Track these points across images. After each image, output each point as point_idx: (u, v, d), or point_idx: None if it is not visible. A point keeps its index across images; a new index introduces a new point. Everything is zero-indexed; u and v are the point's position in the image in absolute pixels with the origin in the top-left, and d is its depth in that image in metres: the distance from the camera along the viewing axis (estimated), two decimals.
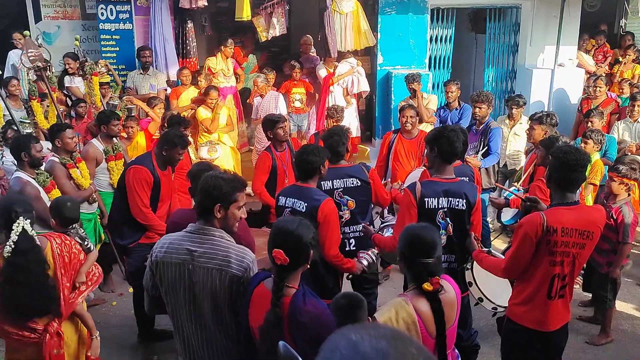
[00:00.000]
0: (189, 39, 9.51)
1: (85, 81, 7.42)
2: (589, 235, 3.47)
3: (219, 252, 2.96)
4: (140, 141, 7.14)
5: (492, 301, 4.13)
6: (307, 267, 2.86)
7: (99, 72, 7.56)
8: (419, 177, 4.88)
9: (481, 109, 6.91)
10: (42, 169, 5.34)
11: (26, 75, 7.66)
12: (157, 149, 5.16)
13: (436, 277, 2.82)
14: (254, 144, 8.68)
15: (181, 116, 7.06)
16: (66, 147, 5.56)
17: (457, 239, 4.07)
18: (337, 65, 9.12)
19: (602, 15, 11.61)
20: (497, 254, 4.02)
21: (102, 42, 9.35)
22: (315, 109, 9.38)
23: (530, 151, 6.62)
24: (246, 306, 2.87)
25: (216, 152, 7.76)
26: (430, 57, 10.03)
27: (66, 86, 8.24)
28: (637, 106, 7.60)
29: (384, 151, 6.57)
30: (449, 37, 10.07)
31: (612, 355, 5.27)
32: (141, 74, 8.80)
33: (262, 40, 9.35)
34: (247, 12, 8.50)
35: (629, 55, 9.93)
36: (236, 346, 3.05)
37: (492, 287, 4.11)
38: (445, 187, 4.03)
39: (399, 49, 9.72)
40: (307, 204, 4.17)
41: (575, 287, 5.86)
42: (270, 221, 5.79)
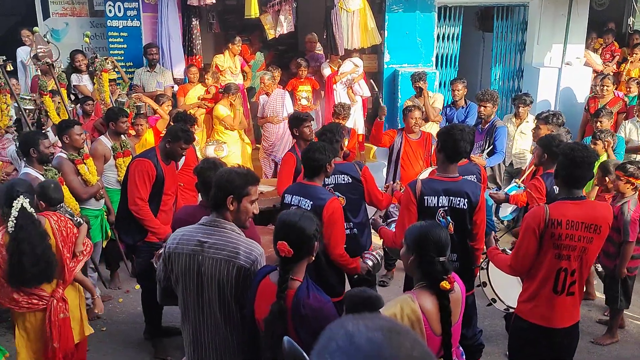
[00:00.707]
0: (194, 36, 9.53)
1: (95, 78, 7.46)
2: (596, 229, 3.47)
3: (228, 244, 3.03)
4: (148, 138, 7.17)
5: (504, 302, 4.13)
6: (312, 259, 2.88)
7: (108, 69, 7.59)
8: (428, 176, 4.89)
9: (486, 107, 6.91)
10: (51, 165, 5.38)
11: (35, 71, 7.70)
12: (161, 143, 5.26)
13: (451, 275, 2.86)
14: (261, 142, 8.70)
15: (187, 113, 7.09)
16: (74, 144, 5.60)
17: (459, 238, 4.07)
18: (342, 63, 9.14)
19: (610, 13, 11.55)
20: (509, 252, 4.02)
21: (110, 39, 9.38)
22: (321, 108, 9.40)
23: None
24: (252, 299, 2.92)
25: (223, 152, 7.79)
26: (437, 55, 10.01)
27: (73, 85, 8.28)
28: None
29: (385, 140, 6.49)
30: (456, 35, 10.05)
31: (616, 355, 5.27)
32: (148, 71, 8.83)
33: (269, 37, 9.36)
34: (255, 9, 8.52)
35: (636, 53, 9.87)
36: (238, 338, 3.09)
37: (505, 288, 4.10)
38: (446, 186, 4.03)
39: (406, 47, 9.70)
40: (312, 203, 4.18)
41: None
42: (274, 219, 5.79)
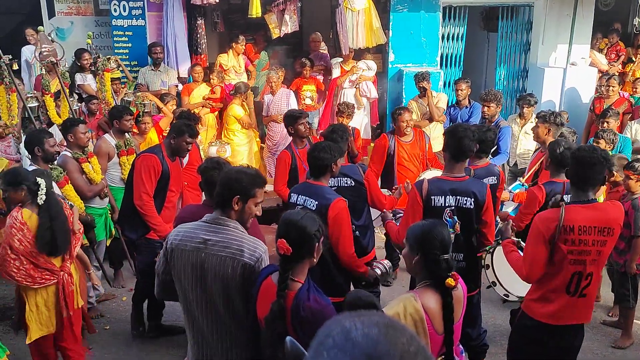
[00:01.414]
0: (199, 36, 9.54)
1: (97, 77, 7.47)
2: (609, 231, 3.47)
3: (233, 242, 3.02)
4: (153, 137, 7.18)
5: (504, 287, 4.12)
6: (314, 261, 2.87)
7: (111, 68, 7.60)
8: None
9: (490, 107, 6.90)
10: (55, 163, 5.39)
11: (39, 70, 7.71)
12: (166, 139, 5.30)
13: (455, 272, 2.87)
14: (266, 141, 8.70)
15: (191, 112, 7.10)
16: (79, 142, 5.61)
17: (465, 238, 4.07)
18: (355, 64, 9.14)
19: (615, 13, 11.52)
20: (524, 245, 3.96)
21: (115, 38, 9.39)
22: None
23: (537, 149, 6.59)
24: (254, 298, 2.92)
25: (226, 152, 7.79)
26: (442, 55, 9.99)
27: (78, 84, 8.31)
28: None
29: (383, 157, 6.34)
30: (460, 35, 10.02)
31: (620, 356, 5.25)
32: (152, 70, 8.83)
33: (274, 37, 9.36)
34: (257, 9, 8.54)
35: None
36: (245, 333, 3.07)
37: (507, 274, 4.06)
38: (452, 186, 4.03)
39: (411, 47, 9.68)
40: (317, 202, 4.18)
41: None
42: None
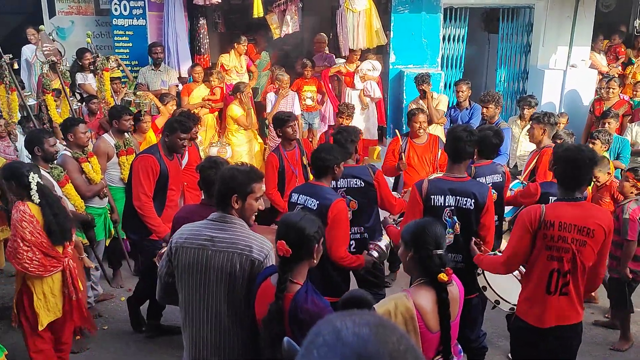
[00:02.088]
0: (201, 36, 9.54)
1: (96, 77, 7.48)
2: (589, 232, 3.46)
3: (241, 239, 3.03)
4: (151, 136, 7.18)
5: (508, 302, 4.13)
6: (314, 262, 2.87)
7: (110, 68, 7.60)
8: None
9: (489, 108, 6.91)
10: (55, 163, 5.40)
11: (39, 70, 7.72)
12: (161, 138, 5.33)
13: (449, 268, 2.89)
14: (267, 142, 8.69)
15: (191, 112, 7.09)
16: (78, 142, 5.60)
17: (465, 239, 4.07)
18: (360, 64, 9.15)
19: (616, 15, 11.52)
20: (499, 254, 4.00)
21: (115, 38, 9.40)
22: (326, 107, 9.42)
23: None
24: (252, 299, 2.92)
25: (227, 153, 7.80)
26: (442, 57, 10.00)
27: (78, 83, 8.31)
28: None
29: (395, 158, 6.25)
30: (461, 37, 10.03)
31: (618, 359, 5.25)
32: (152, 70, 8.83)
33: (275, 37, 9.37)
34: (259, 8, 8.55)
35: None
36: (244, 335, 3.07)
37: (505, 287, 4.09)
38: (452, 186, 4.03)
39: (412, 48, 9.69)
40: (318, 202, 4.18)
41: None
42: (277, 219, 5.79)
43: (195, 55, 9.55)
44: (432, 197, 4.03)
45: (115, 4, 9.23)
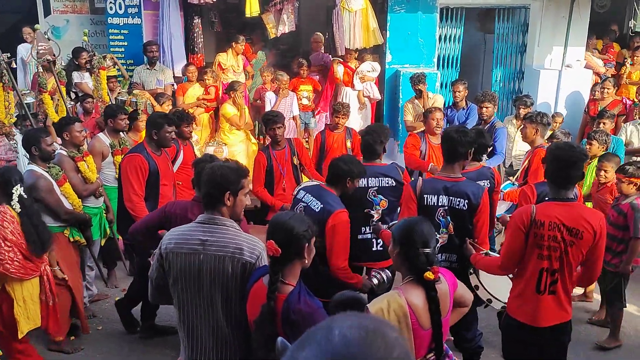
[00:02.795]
0: (195, 35, 9.52)
1: (92, 75, 7.46)
2: (577, 233, 3.48)
3: (231, 241, 3.01)
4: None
5: (500, 300, 4.14)
6: (306, 263, 2.85)
7: (106, 66, 7.58)
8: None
9: (487, 108, 6.92)
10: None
11: (35, 68, 7.69)
12: (147, 135, 5.35)
13: (435, 266, 2.89)
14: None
15: (185, 112, 7.08)
16: (74, 141, 5.57)
17: (459, 239, 4.07)
18: (358, 64, 9.14)
19: (611, 15, 11.55)
20: (494, 255, 4.02)
21: (111, 37, 9.38)
22: (323, 107, 9.40)
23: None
24: (244, 300, 2.91)
25: (223, 152, 7.78)
26: (439, 57, 10.01)
27: (75, 82, 8.28)
28: None
29: (417, 150, 6.33)
30: (457, 37, 10.05)
31: (601, 357, 5.26)
32: (148, 69, 8.80)
33: (271, 36, 9.36)
34: (253, 7, 8.54)
35: (637, 56, 9.85)
36: (239, 337, 3.05)
37: (497, 286, 4.11)
38: (446, 185, 4.04)
39: (408, 48, 9.69)
40: (322, 206, 4.15)
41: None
42: (267, 218, 5.77)
43: (189, 54, 9.52)
44: (425, 196, 4.04)
45: (110, 2, 9.20)
